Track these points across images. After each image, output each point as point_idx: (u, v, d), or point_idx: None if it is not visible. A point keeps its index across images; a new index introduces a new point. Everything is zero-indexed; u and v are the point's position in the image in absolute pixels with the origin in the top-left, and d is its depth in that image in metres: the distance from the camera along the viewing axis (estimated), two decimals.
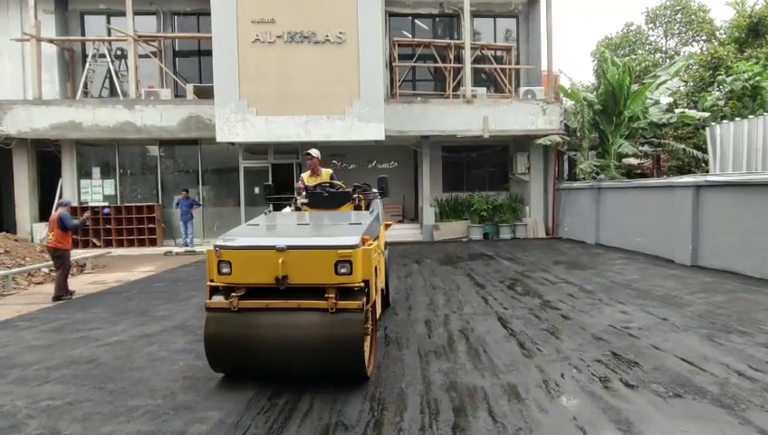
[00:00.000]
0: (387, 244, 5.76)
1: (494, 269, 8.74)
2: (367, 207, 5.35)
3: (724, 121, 10.91)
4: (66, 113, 12.41)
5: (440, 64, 14.64)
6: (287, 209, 5.40)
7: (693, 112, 13.24)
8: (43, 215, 13.05)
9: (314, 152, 5.68)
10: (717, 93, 14.21)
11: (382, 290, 4.97)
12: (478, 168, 15.04)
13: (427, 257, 10.43)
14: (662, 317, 5.22)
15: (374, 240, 4.04)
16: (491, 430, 2.88)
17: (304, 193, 5.34)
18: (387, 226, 5.91)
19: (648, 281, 7.20)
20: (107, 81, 14.13)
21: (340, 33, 11.65)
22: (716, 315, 5.22)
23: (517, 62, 15.09)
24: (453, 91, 14.43)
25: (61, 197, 13.17)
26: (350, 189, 5.36)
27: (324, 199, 5.19)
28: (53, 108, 12.47)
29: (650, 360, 3.96)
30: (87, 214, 8.67)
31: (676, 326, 4.87)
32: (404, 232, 13.99)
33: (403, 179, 15.49)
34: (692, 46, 23.14)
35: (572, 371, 3.78)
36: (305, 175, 5.75)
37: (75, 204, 12.64)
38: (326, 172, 5.77)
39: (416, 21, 15.18)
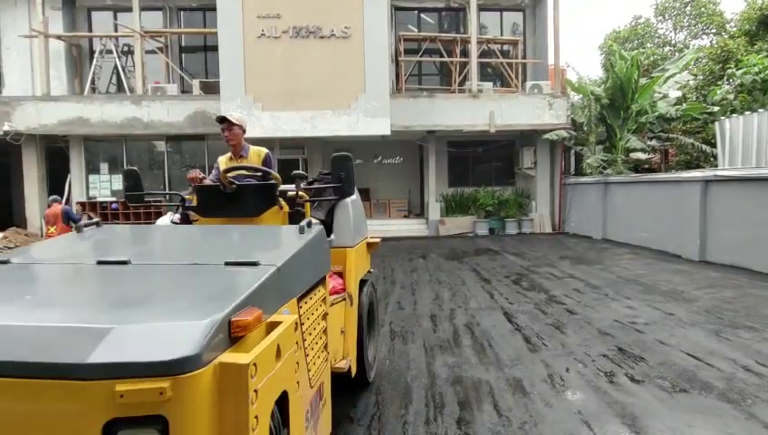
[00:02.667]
0: (371, 271, 3.72)
1: (499, 264, 8.73)
2: (330, 214, 3.10)
3: (734, 115, 10.79)
4: (74, 109, 12.50)
5: (446, 59, 14.56)
6: (165, 219, 3.38)
7: (702, 105, 13.11)
8: None
9: (233, 116, 3.33)
10: (727, 87, 14.05)
11: (348, 367, 2.85)
12: (484, 162, 14.98)
13: (433, 252, 10.44)
14: (669, 312, 5.20)
15: (304, 299, 2.00)
16: (496, 423, 2.90)
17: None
18: (371, 245, 3.62)
19: (655, 276, 7.17)
20: (114, 76, 14.20)
21: (346, 27, 11.62)
22: (724, 311, 5.19)
23: (524, 57, 14.98)
24: (459, 85, 14.36)
25: (69, 192, 13.30)
26: (294, 186, 2.99)
27: (227, 200, 2.80)
28: (61, 104, 12.56)
29: (656, 355, 3.95)
30: (78, 207, 9.05)
31: (683, 321, 4.86)
32: (410, 227, 14.01)
33: (409, 174, 15.48)
34: (701, 39, 22.87)
35: (578, 365, 3.79)
36: (223, 158, 3.43)
37: (83, 199, 12.73)
38: (256, 152, 3.40)
39: (421, 15, 15.10)
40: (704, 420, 2.86)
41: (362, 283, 3.36)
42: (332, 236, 2.92)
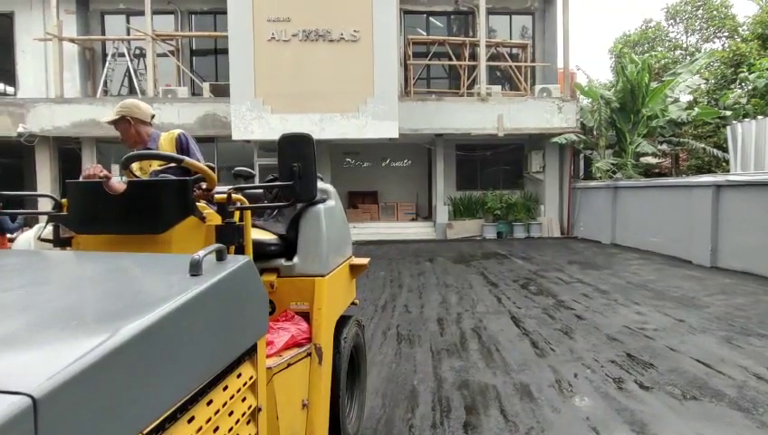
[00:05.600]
0: (355, 303, 2.84)
1: (507, 268, 8.69)
2: (294, 226, 2.26)
3: (746, 120, 10.67)
4: (87, 111, 12.66)
5: (455, 62, 14.57)
6: (27, 236, 2.39)
7: (714, 110, 12.99)
8: None
9: (123, 105, 2.75)
10: (739, 91, 13.91)
11: None
12: (492, 166, 14.95)
13: (440, 256, 10.42)
14: (679, 319, 5.14)
15: (183, 416, 0.94)
16: (503, 428, 2.88)
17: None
18: (355, 267, 2.73)
19: (665, 282, 7.10)
20: (126, 79, 14.38)
21: (355, 31, 11.68)
22: (735, 317, 5.12)
23: (533, 60, 14.94)
24: (467, 88, 14.35)
25: None
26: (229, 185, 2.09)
27: (113, 208, 1.73)
28: (74, 106, 12.74)
29: (666, 361, 3.91)
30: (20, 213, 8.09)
31: (694, 328, 4.80)
32: (417, 230, 14.00)
33: (417, 177, 15.48)
34: (713, 43, 22.64)
35: (586, 371, 3.76)
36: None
37: None
38: (167, 138, 2.65)
39: (430, 18, 15.13)
40: (714, 429, 2.82)
41: (342, 321, 2.47)
42: (295, 260, 2.18)
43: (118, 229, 1.74)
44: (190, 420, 0.98)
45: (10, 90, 14.33)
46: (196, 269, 1.11)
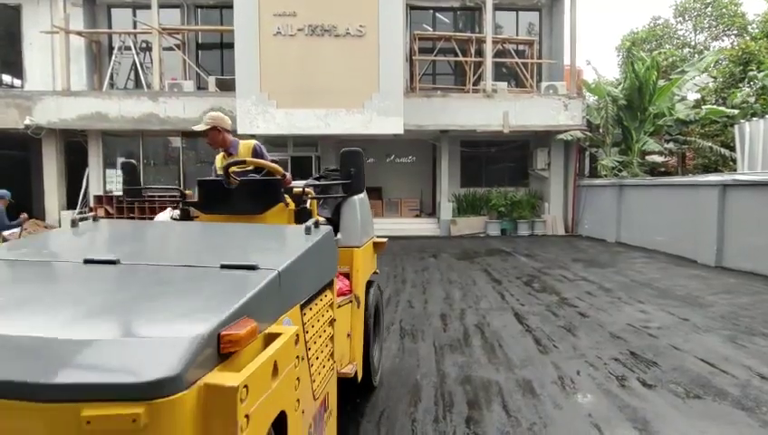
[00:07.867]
0: (377, 272, 3.55)
1: (511, 265, 8.68)
2: (336, 213, 3.06)
3: (754, 119, 10.59)
4: (93, 104, 12.71)
5: (461, 58, 14.50)
6: (164, 215, 3.21)
7: (722, 108, 12.90)
8: (71, 203, 13.48)
9: (212, 117, 3.40)
10: (748, 90, 13.80)
11: (354, 372, 2.76)
12: (497, 163, 14.90)
13: (444, 252, 10.42)
14: (683, 317, 5.13)
15: (309, 306, 1.90)
16: (505, 423, 2.90)
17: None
18: (377, 245, 3.52)
19: (670, 280, 7.07)
20: (132, 72, 14.41)
21: (361, 26, 11.65)
22: (740, 317, 5.10)
23: (539, 57, 14.86)
24: (473, 85, 14.29)
25: (87, 186, 13.53)
26: (289, 177, 2.85)
27: (229, 196, 2.66)
28: (81, 99, 12.78)
29: (669, 360, 3.91)
30: (24, 216, 7.77)
31: (698, 327, 4.79)
32: (421, 226, 14.00)
33: (421, 174, 15.46)
34: (722, 41, 22.43)
35: (589, 368, 3.76)
36: (219, 157, 3.52)
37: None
38: (245, 146, 3.46)
39: (437, 14, 15.06)
40: (717, 428, 2.82)
41: (368, 284, 3.29)
42: (339, 236, 2.87)
43: (231, 211, 2.63)
44: (311, 308, 1.92)
45: (17, 82, 14.39)
46: (308, 231, 2.03)
